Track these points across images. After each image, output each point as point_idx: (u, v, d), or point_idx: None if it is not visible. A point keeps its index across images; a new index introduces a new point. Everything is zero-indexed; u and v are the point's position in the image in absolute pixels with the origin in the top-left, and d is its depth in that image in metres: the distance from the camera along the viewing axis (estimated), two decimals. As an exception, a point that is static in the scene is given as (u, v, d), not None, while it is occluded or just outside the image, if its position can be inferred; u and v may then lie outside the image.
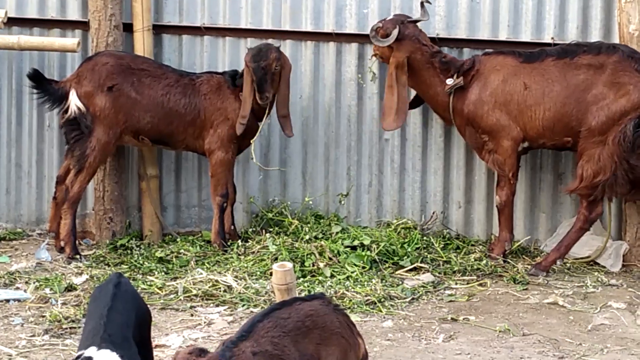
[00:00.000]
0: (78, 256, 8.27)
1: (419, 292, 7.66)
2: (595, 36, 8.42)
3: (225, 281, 7.63)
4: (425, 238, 8.41)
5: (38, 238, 8.88)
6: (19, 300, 7.43)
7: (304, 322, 4.75)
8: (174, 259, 8.17)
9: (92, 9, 8.65)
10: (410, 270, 8.05)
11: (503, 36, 8.56)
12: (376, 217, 8.81)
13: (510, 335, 6.94)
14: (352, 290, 7.55)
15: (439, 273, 8.03)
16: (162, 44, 8.87)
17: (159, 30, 8.83)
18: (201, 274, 7.76)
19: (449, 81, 8.21)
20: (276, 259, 7.89)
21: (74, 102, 8.29)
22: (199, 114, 8.41)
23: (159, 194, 8.89)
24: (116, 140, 8.40)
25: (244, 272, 7.80)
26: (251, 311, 7.18)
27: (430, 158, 8.74)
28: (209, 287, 7.57)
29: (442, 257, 8.21)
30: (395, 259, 8.12)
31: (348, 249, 8.11)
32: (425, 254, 8.22)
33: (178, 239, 8.60)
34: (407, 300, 7.54)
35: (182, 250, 8.31)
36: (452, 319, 7.22)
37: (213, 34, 8.83)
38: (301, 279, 7.65)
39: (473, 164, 8.68)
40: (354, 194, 8.83)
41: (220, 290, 7.54)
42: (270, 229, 8.53)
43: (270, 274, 6.99)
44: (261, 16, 8.80)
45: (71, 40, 8.65)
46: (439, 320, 7.19)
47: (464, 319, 7.23)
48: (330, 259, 7.96)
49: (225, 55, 8.81)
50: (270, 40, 8.49)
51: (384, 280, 7.78)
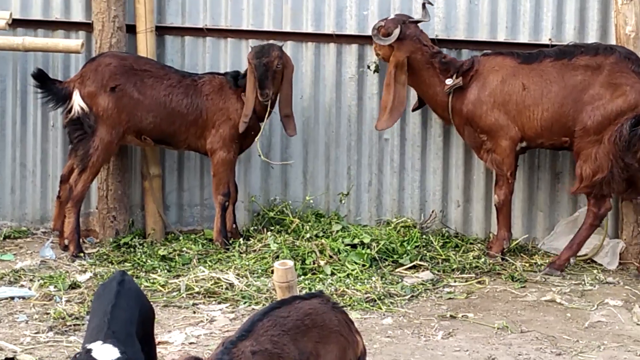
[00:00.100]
0: (82, 254, 8.30)
1: (418, 290, 7.66)
2: (592, 37, 8.45)
3: (227, 279, 7.65)
4: (424, 236, 8.43)
5: (42, 236, 8.89)
6: (23, 297, 7.45)
7: (303, 321, 4.74)
8: (177, 257, 8.18)
9: (96, 10, 8.68)
10: (410, 268, 8.06)
11: (501, 37, 8.58)
12: (376, 216, 8.83)
13: (509, 332, 6.96)
14: (352, 287, 7.57)
15: (438, 271, 8.04)
16: (165, 45, 8.88)
17: (161, 31, 8.84)
18: (203, 271, 7.78)
19: (449, 81, 8.22)
20: (277, 257, 7.90)
21: (78, 102, 8.31)
22: (201, 114, 8.44)
23: (161, 192, 8.91)
24: (119, 140, 8.42)
25: (246, 270, 7.82)
26: (253, 308, 7.19)
27: (430, 157, 8.76)
28: (211, 285, 7.58)
29: (441, 255, 8.22)
30: (395, 257, 8.13)
31: (348, 247, 8.12)
32: (425, 252, 8.24)
33: (180, 237, 8.60)
34: (407, 297, 7.55)
35: (185, 249, 8.32)
36: (451, 316, 7.24)
37: (215, 35, 8.84)
38: (302, 277, 7.66)
39: (472, 163, 8.70)
40: (354, 193, 8.85)
41: (222, 288, 7.55)
42: (272, 228, 8.54)
43: (272, 272, 7.01)
44: (262, 17, 8.81)
45: (75, 41, 8.67)
46: (438, 318, 7.20)
47: (462, 316, 7.24)
48: (330, 257, 7.97)
49: (227, 56, 8.83)
50: (272, 41, 8.50)
51: (383, 278, 7.79)
